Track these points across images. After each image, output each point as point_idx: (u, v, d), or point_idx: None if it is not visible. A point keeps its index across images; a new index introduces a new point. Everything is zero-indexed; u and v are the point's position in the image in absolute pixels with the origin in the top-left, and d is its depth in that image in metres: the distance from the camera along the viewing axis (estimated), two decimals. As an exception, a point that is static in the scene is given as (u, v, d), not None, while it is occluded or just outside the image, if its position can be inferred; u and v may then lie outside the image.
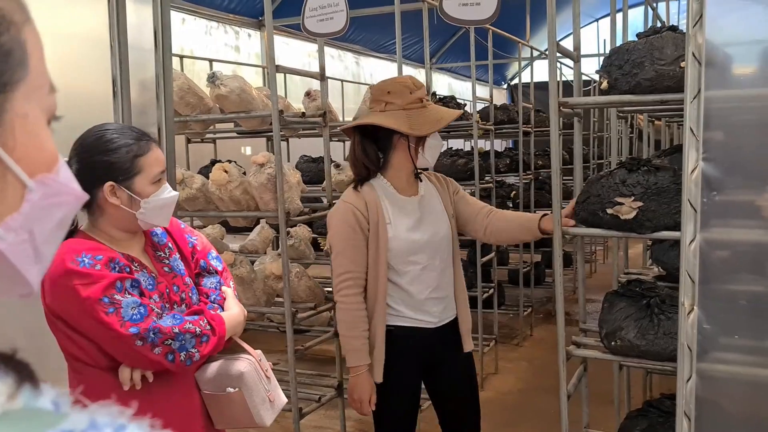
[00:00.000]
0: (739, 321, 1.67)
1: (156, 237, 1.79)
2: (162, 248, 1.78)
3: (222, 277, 1.87)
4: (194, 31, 7.62)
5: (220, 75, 3.02)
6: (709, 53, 1.63)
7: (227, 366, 1.75)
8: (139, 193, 1.63)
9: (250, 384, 1.73)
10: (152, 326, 1.56)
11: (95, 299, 1.52)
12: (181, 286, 1.74)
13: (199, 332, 1.63)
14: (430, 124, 2.26)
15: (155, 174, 1.66)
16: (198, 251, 1.86)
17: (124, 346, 1.55)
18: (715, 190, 1.65)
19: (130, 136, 1.66)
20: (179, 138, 4.75)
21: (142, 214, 1.65)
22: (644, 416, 2.44)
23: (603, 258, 9.29)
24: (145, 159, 1.64)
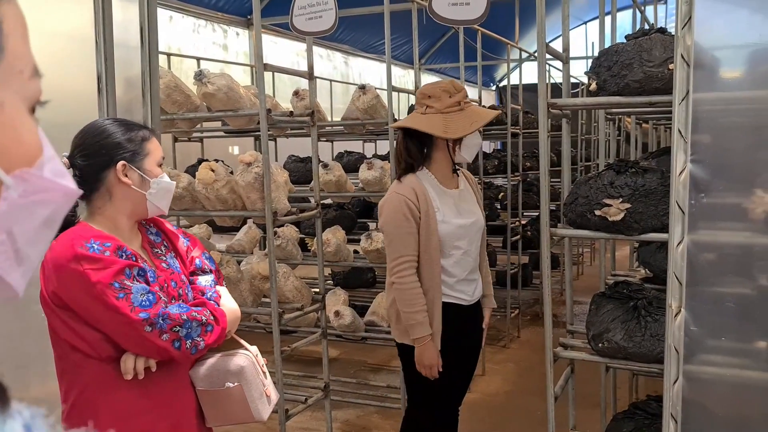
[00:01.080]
0: (726, 323, 1.67)
1: (151, 235, 1.80)
2: (158, 246, 1.79)
3: (215, 276, 1.87)
4: (182, 29, 7.58)
5: (208, 73, 2.99)
6: (698, 55, 1.63)
7: (226, 361, 1.75)
8: (149, 173, 1.68)
9: (249, 378, 1.74)
10: (161, 312, 1.56)
11: (106, 284, 1.52)
12: (178, 282, 1.74)
13: (204, 321, 1.64)
14: (464, 127, 2.49)
15: (159, 158, 1.72)
16: (192, 251, 1.87)
17: (133, 332, 1.55)
18: (702, 192, 1.65)
19: (133, 123, 1.75)
20: (166, 137, 4.71)
21: (152, 194, 1.68)
22: (630, 418, 2.44)
23: (590, 260, 9.32)
24: (150, 143, 1.71)
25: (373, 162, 3.92)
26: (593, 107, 3.47)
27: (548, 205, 2.26)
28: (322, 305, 3.40)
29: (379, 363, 5.43)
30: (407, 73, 11.75)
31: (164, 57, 5.37)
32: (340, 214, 5.52)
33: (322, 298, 3.41)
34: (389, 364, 5.31)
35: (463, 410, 4.59)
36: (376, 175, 3.87)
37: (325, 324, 3.43)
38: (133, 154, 1.66)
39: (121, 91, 2.32)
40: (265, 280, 3.18)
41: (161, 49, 5.74)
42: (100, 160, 1.63)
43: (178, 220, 4.63)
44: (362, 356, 5.54)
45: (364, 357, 5.53)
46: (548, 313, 2.38)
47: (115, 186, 1.65)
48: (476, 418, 4.39)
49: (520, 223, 6.31)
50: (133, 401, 1.63)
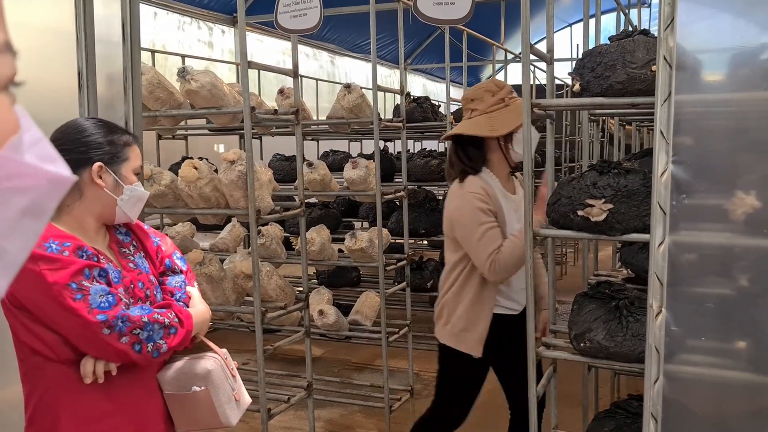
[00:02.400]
0: (706, 323, 1.68)
1: (120, 235, 1.76)
2: (126, 246, 1.76)
3: (186, 277, 1.84)
4: (166, 25, 7.52)
5: (191, 70, 2.96)
6: (680, 57, 1.64)
7: (193, 364, 1.71)
8: (125, 180, 1.65)
9: (217, 382, 1.70)
10: (120, 314, 1.52)
11: (63, 284, 1.48)
12: (145, 283, 1.71)
13: (167, 323, 1.60)
14: (510, 121, 2.43)
15: (136, 167, 1.70)
16: (163, 251, 1.84)
17: (91, 334, 1.51)
18: (684, 193, 1.66)
19: (118, 128, 1.72)
20: (150, 134, 4.67)
21: (123, 201, 1.65)
22: (612, 417, 2.45)
23: (574, 260, 9.38)
24: (131, 149, 1.69)
25: (357, 161, 3.91)
26: (576, 108, 3.49)
27: (532, 205, 2.27)
28: (306, 304, 3.39)
29: (362, 362, 5.42)
30: (393, 73, 11.75)
31: (148, 54, 5.32)
32: (324, 213, 5.51)
33: (305, 297, 3.39)
34: (373, 363, 5.31)
35: (446, 410, 4.59)
36: (361, 174, 3.87)
37: (308, 323, 3.42)
38: (113, 156, 1.64)
39: (103, 88, 2.29)
40: (248, 279, 3.17)
41: (145, 46, 5.70)
42: (77, 158, 1.59)
43: (161, 218, 4.61)
44: (346, 355, 5.53)
45: (347, 356, 5.52)
46: (531, 313, 2.38)
47: (87, 186, 1.62)
48: (459, 418, 4.39)
49: (504, 223, 6.33)
50: (95, 405, 1.60)
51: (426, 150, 5.65)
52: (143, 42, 2.42)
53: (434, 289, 5.19)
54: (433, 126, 5.11)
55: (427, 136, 6.56)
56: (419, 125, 5.03)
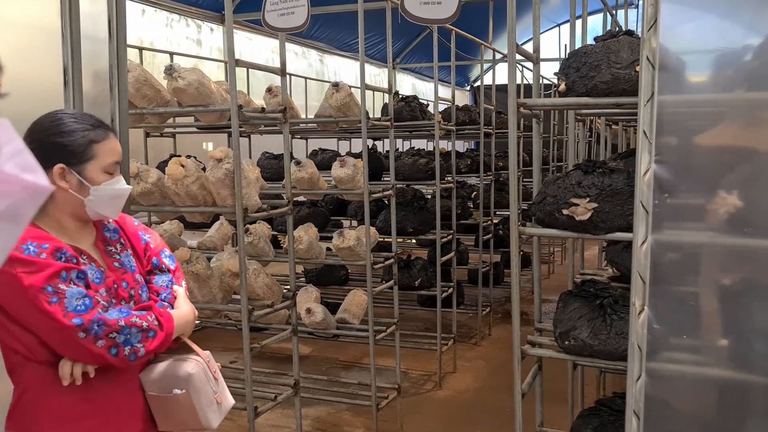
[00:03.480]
0: (687, 321, 1.70)
1: (108, 232, 1.75)
2: (113, 243, 1.74)
3: (174, 276, 1.84)
4: (154, 23, 7.48)
5: (178, 67, 2.95)
6: (663, 58, 1.65)
7: (174, 367, 1.71)
8: (90, 180, 1.61)
9: (198, 385, 1.70)
10: (96, 318, 1.51)
11: (38, 288, 1.47)
12: (130, 283, 1.71)
13: (146, 327, 1.59)
14: None
15: (108, 163, 1.64)
16: (151, 249, 1.83)
17: (66, 338, 1.50)
18: (666, 193, 1.68)
19: (88, 122, 1.65)
20: (137, 132, 4.65)
21: (91, 201, 1.62)
22: (596, 415, 2.48)
23: (561, 259, 9.43)
24: (99, 146, 1.62)
25: (345, 160, 3.92)
26: (562, 108, 3.51)
27: (517, 204, 2.28)
28: (293, 302, 3.39)
29: (350, 360, 5.43)
30: (382, 72, 11.76)
31: (136, 51, 5.29)
32: (313, 212, 5.51)
33: (292, 295, 3.39)
34: (360, 362, 5.32)
35: (433, 407, 4.63)
36: (349, 173, 3.87)
37: (295, 321, 3.42)
38: (74, 157, 1.59)
39: (89, 85, 2.28)
40: (235, 277, 3.16)
41: (133, 43, 5.67)
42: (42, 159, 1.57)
43: (149, 215, 4.58)
44: (334, 354, 5.54)
45: (335, 354, 5.53)
46: (516, 311, 2.40)
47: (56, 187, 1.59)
48: (447, 415, 4.41)
49: (492, 222, 6.36)
50: (73, 406, 1.60)
51: (414, 149, 5.66)
52: (131, 39, 2.41)
53: (422, 287, 5.21)
54: (422, 125, 5.12)
55: (416, 135, 6.57)
56: (407, 124, 5.04)
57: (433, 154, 4.92)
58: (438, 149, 4.84)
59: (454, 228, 5.34)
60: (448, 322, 5.42)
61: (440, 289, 5.02)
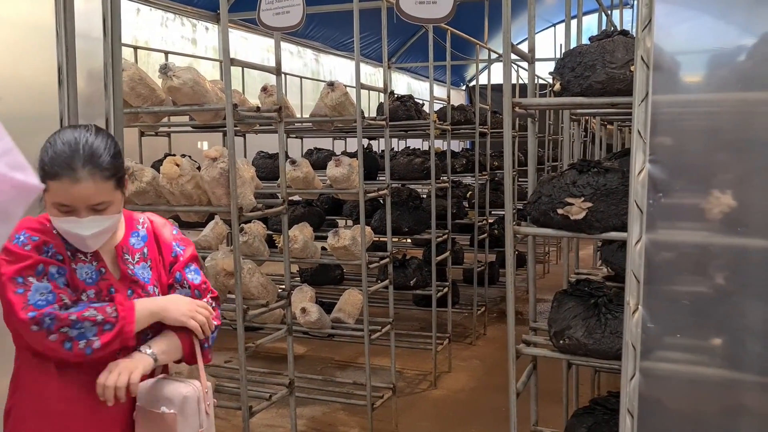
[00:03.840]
0: (681, 321, 1.71)
1: (134, 238, 1.76)
2: (133, 252, 1.75)
3: (200, 289, 1.82)
4: (149, 22, 7.46)
5: (173, 66, 2.95)
6: (658, 57, 1.66)
7: (172, 385, 1.71)
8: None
9: (188, 412, 1.68)
10: (48, 312, 1.53)
11: (9, 276, 1.54)
12: (137, 292, 1.71)
13: (101, 320, 1.58)
14: None
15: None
16: (179, 262, 1.82)
17: (22, 329, 1.55)
18: (661, 192, 1.68)
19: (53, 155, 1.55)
20: (132, 131, 4.63)
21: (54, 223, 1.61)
22: (590, 414, 2.48)
23: (556, 259, 9.44)
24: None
25: (341, 159, 3.91)
26: (557, 107, 3.52)
27: (512, 204, 2.29)
28: (288, 302, 3.38)
29: (345, 360, 5.43)
30: (378, 72, 11.75)
31: (131, 50, 5.28)
32: (308, 211, 5.51)
33: (287, 295, 3.39)
34: (356, 361, 5.32)
35: (428, 406, 4.63)
36: (344, 172, 3.87)
37: (290, 320, 3.42)
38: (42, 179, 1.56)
39: (83, 83, 2.28)
40: (230, 276, 3.16)
41: (128, 42, 5.65)
42: None
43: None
44: (329, 353, 5.54)
45: (330, 354, 5.53)
46: (511, 310, 2.40)
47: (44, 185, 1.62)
48: (442, 414, 4.42)
49: (487, 221, 6.37)
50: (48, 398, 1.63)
51: (409, 148, 5.66)
52: (125, 38, 2.40)
53: (417, 287, 5.21)
54: (417, 124, 5.12)
55: (411, 135, 6.57)
56: (403, 123, 5.04)
57: (429, 154, 4.92)
58: (433, 149, 4.84)
59: (449, 227, 5.34)
60: (443, 321, 5.42)
61: (435, 289, 5.02)
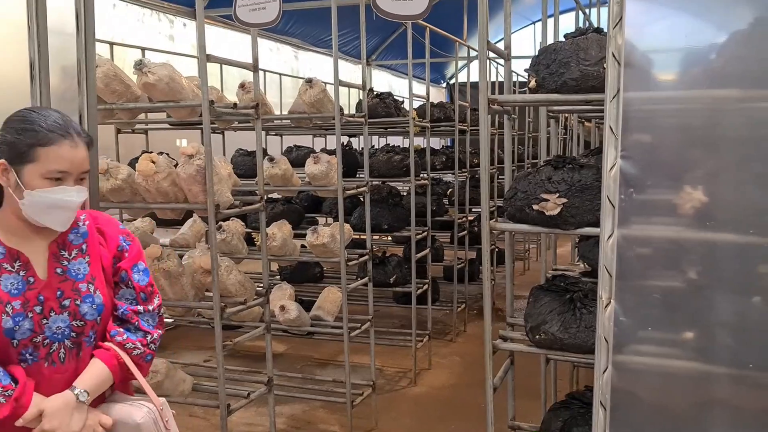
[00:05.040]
0: (653, 314, 1.73)
1: (73, 234, 1.71)
2: (70, 248, 1.70)
3: (145, 292, 1.78)
4: (126, 17, 7.38)
5: (148, 62, 2.92)
6: (629, 55, 1.67)
7: (125, 411, 1.68)
8: (26, 183, 1.58)
9: None
10: None
11: None
12: (67, 292, 1.66)
13: None
14: None
15: (49, 170, 1.58)
16: (125, 259, 1.77)
17: None
18: (632, 188, 1.70)
19: (47, 124, 1.59)
20: (108, 128, 4.59)
21: (24, 205, 1.59)
22: (566, 408, 2.51)
23: (536, 256, 9.50)
24: (44, 150, 1.57)
25: (319, 156, 3.91)
26: (532, 104, 3.54)
27: (489, 201, 2.30)
28: (266, 299, 3.37)
29: (325, 358, 5.42)
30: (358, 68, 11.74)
31: (107, 47, 5.22)
32: (287, 209, 5.49)
33: (266, 292, 3.38)
34: (335, 359, 5.32)
35: (408, 403, 4.64)
36: (323, 169, 3.86)
37: (268, 318, 3.41)
38: (16, 156, 1.57)
39: (56, 80, 2.25)
40: (207, 274, 3.14)
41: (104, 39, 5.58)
42: None
43: (120, 212, 4.53)
44: (309, 351, 5.53)
45: (310, 352, 5.52)
46: (488, 305, 2.42)
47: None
48: (422, 411, 4.43)
49: (467, 218, 6.39)
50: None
51: (389, 145, 5.66)
52: (101, 34, 2.37)
53: (397, 284, 5.22)
54: (396, 122, 5.12)
55: (391, 132, 6.57)
56: (382, 121, 5.04)
57: (408, 151, 4.93)
58: (413, 146, 4.85)
59: (429, 225, 5.36)
60: (423, 318, 5.44)
61: (415, 286, 5.03)
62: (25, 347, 1.60)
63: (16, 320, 1.57)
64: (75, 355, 1.67)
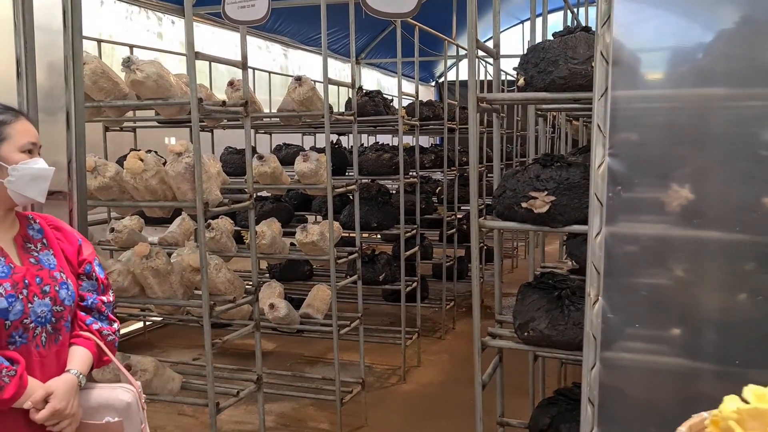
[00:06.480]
0: (641, 311, 1.74)
1: (32, 231, 1.76)
2: (35, 242, 1.74)
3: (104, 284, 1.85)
4: (113, 14, 7.33)
5: (136, 60, 2.90)
6: (617, 53, 1.69)
7: (110, 394, 1.73)
8: (6, 159, 1.63)
9: (132, 416, 1.72)
10: None
11: None
12: (45, 279, 1.70)
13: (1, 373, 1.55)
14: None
15: (24, 143, 1.66)
16: (84, 252, 1.84)
17: None
18: (620, 185, 1.71)
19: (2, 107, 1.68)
20: (96, 125, 4.56)
21: (11, 182, 1.63)
22: (554, 404, 2.52)
23: (525, 253, 9.54)
24: (10, 127, 1.65)
25: (308, 154, 3.90)
26: (521, 102, 3.55)
27: (477, 198, 2.31)
28: (256, 297, 3.37)
29: (315, 356, 5.42)
30: (347, 67, 11.72)
31: (94, 44, 5.18)
32: (276, 207, 5.48)
33: (255, 290, 3.38)
34: (325, 357, 5.32)
35: (398, 401, 4.65)
36: (312, 168, 3.86)
37: (257, 316, 3.40)
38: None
39: (43, 76, 2.23)
40: (196, 272, 3.13)
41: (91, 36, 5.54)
42: None
43: (108, 211, 4.51)
44: (298, 349, 5.53)
45: (300, 350, 5.52)
46: (476, 303, 2.43)
47: None
48: (411, 408, 4.44)
49: (456, 216, 6.40)
50: None
51: (378, 144, 5.66)
52: (89, 32, 2.36)
53: (386, 282, 5.22)
54: (386, 120, 5.13)
55: (380, 130, 6.57)
56: (371, 119, 5.04)
57: (397, 149, 4.93)
58: (402, 144, 4.85)
59: (418, 223, 5.36)
60: (412, 316, 5.45)
61: (404, 284, 5.04)
62: (15, 329, 1.62)
63: (10, 301, 1.60)
64: (54, 341, 1.70)
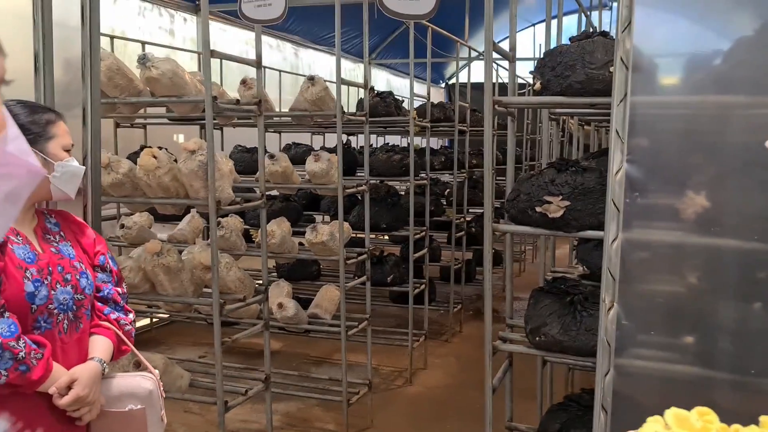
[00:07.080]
0: (656, 318, 1.73)
1: (49, 224, 1.79)
2: (53, 234, 1.78)
3: (119, 276, 1.89)
4: (126, 11, 7.35)
5: (152, 57, 2.91)
6: (637, 59, 1.68)
7: (131, 382, 1.75)
8: (54, 156, 1.71)
9: (154, 403, 1.75)
10: None
11: None
12: (66, 267, 1.73)
13: (21, 357, 1.54)
14: None
15: (66, 143, 1.76)
16: (98, 245, 1.88)
17: None
18: (637, 192, 1.70)
19: (39, 107, 1.78)
20: (107, 122, 4.57)
21: (56, 178, 1.70)
22: (564, 410, 2.51)
23: (532, 257, 9.52)
24: (57, 126, 1.74)
25: (320, 154, 3.90)
26: (537, 106, 3.54)
27: (492, 201, 2.30)
28: (265, 297, 3.37)
29: (321, 356, 5.42)
30: (357, 67, 11.73)
31: (107, 40, 5.20)
32: (286, 206, 5.48)
33: (264, 290, 3.38)
34: (332, 357, 5.32)
35: (404, 403, 4.64)
36: (323, 168, 3.86)
37: (267, 315, 3.40)
38: (36, 136, 1.69)
39: (60, 72, 2.24)
40: (207, 270, 3.13)
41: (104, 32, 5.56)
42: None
43: (118, 207, 4.52)
44: (305, 349, 5.53)
45: (306, 350, 5.52)
46: (488, 307, 2.42)
47: None
48: (417, 411, 4.44)
49: (465, 219, 6.39)
50: None
51: (389, 145, 5.66)
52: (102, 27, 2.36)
53: (394, 284, 5.22)
54: (397, 121, 5.12)
55: (390, 131, 6.57)
56: (382, 120, 5.04)
57: (408, 151, 4.92)
58: (412, 145, 4.84)
59: (427, 225, 5.36)
60: (419, 318, 5.44)
61: (412, 286, 5.03)
62: (41, 313, 1.63)
63: (36, 285, 1.62)
64: (75, 329, 1.72)
